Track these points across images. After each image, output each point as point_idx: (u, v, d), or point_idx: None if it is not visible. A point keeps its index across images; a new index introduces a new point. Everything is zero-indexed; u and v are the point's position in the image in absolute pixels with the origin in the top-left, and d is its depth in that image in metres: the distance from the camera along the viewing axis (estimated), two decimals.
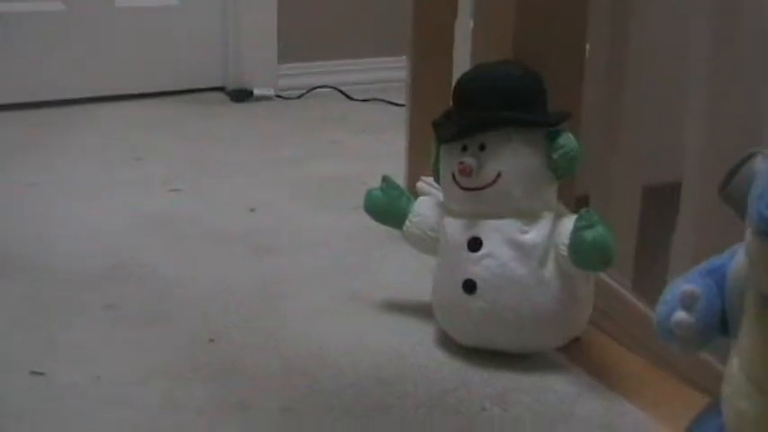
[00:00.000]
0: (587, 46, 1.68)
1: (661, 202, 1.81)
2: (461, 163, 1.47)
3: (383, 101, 3.23)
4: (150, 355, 1.53)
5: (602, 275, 1.61)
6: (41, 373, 1.47)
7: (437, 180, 1.59)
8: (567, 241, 1.43)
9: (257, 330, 1.62)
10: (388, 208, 1.64)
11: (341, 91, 3.35)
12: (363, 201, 1.66)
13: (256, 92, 3.30)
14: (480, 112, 1.48)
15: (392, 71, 3.23)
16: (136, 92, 3.23)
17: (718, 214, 1.50)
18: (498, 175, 1.47)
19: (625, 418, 1.38)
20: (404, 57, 2.18)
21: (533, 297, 1.45)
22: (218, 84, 3.37)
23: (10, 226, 2.10)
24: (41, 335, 1.60)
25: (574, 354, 1.53)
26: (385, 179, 1.64)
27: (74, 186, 2.38)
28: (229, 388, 1.43)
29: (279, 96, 3.33)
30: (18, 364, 1.50)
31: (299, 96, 3.34)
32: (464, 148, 1.50)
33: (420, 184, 2.05)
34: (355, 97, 3.32)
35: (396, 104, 3.08)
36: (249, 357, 1.52)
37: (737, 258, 1.02)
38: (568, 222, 1.45)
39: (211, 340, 1.58)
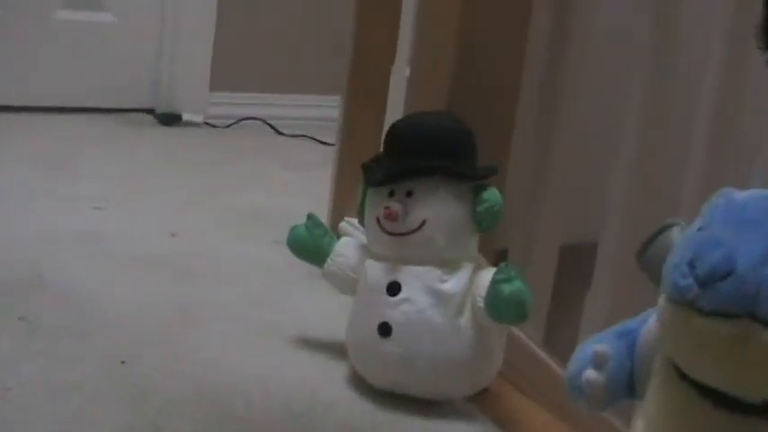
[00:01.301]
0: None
1: (577, 262, 1.85)
2: (387, 208, 1.50)
3: (311, 138, 3.25)
4: (62, 370, 1.53)
5: (514, 328, 1.64)
6: None
7: (362, 222, 1.61)
8: (484, 293, 1.46)
9: (171, 354, 1.62)
10: (310, 245, 1.65)
11: (270, 124, 3.37)
12: (287, 236, 1.67)
13: (185, 117, 3.30)
14: (411, 160, 1.51)
15: (323, 109, 3.25)
16: (65, 105, 3.21)
17: (632, 278, 1.54)
18: (423, 223, 1.49)
19: None
20: (336, 96, 2.20)
21: (447, 345, 1.48)
22: (148, 105, 3.36)
23: None
24: None
25: (482, 403, 1.55)
26: (310, 217, 1.66)
27: None
28: (141, 410, 1.43)
29: (207, 124, 3.34)
30: None
31: (228, 126, 3.34)
32: (391, 194, 1.52)
33: (343, 225, 2.06)
34: (284, 132, 3.33)
35: (324, 143, 3.10)
36: (161, 381, 1.52)
37: (649, 323, 1.05)
38: (487, 274, 1.48)
39: (123, 362, 1.58)
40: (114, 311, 1.76)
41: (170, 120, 3.27)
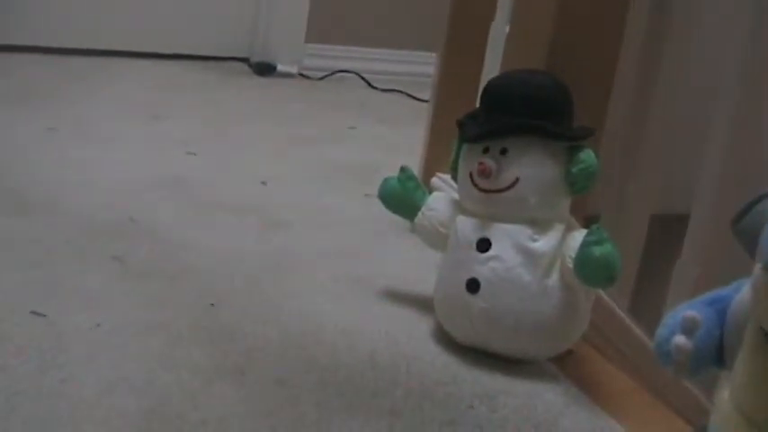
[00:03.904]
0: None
1: (666, 232, 1.83)
2: (481, 163, 1.50)
3: (404, 93, 3.25)
4: (152, 310, 1.55)
5: (602, 293, 1.64)
6: (43, 315, 1.49)
7: (455, 178, 1.61)
8: (573, 254, 1.45)
9: (258, 300, 1.64)
10: (403, 198, 1.66)
11: (363, 78, 3.38)
12: (379, 188, 1.68)
13: (280, 68, 3.33)
14: (507, 117, 1.50)
15: (416, 65, 3.26)
16: (162, 52, 3.26)
17: (723, 248, 1.53)
18: (516, 181, 1.49)
19: None
20: (429, 52, 2.19)
21: (534, 304, 1.47)
22: (243, 55, 3.39)
23: (27, 167, 2.13)
24: (47, 277, 1.62)
25: (565, 365, 1.55)
26: (403, 169, 1.66)
27: (92, 136, 2.41)
28: (226, 353, 1.45)
29: (301, 75, 3.36)
30: (20, 304, 1.51)
31: (322, 78, 3.36)
32: (486, 150, 1.52)
33: (435, 180, 2.07)
34: (377, 86, 3.34)
35: (416, 99, 3.10)
36: (248, 325, 1.54)
37: (742, 292, 1.04)
38: (578, 236, 1.47)
39: (212, 305, 1.60)
40: (204, 256, 1.79)
41: (265, 70, 3.30)
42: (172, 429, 1.26)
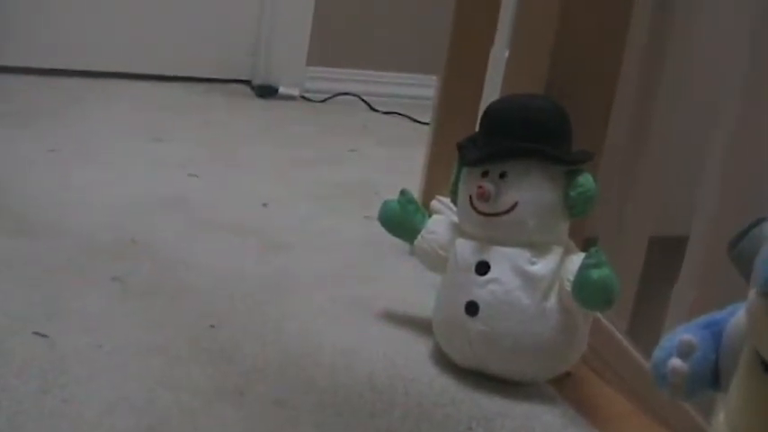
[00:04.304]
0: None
1: (664, 254, 1.84)
2: (480, 187, 1.51)
3: (405, 116, 3.26)
4: (152, 331, 1.56)
5: (600, 316, 1.64)
6: (45, 336, 1.50)
7: (455, 201, 1.61)
8: (572, 277, 1.46)
9: (258, 321, 1.64)
10: (402, 221, 1.67)
11: (364, 100, 3.39)
12: (379, 210, 1.69)
13: (282, 90, 3.34)
14: (506, 141, 1.51)
15: (418, 88, 3.27)
16: (164, 73, 3.27)
17: (720, 272, 1.54)
18: (515, 205, 1.50)
19: None
20: (431, 75, 2.20)
21: (533, 327, 1.48)
22: (245, 77, 3.40)
23: (28, 188, 2.13)
24: (48, 298, 1.63)
25: (563, 388, 1.55)
26: (403, 192, 1.68)
27: (93, 157, 2.41)
28: (226, 373, 1.46)
29: (303, 97, 3.37)
30: (22, 324, 1.52)
31: (323, 100, 3.37)
32: (485, 174, 1.53)
33: (434, 203, 2.07)
34: (378, 108, 3.35)
35: (417, 121, 3.12)
36: (248, 346, 1.55)
37: (737, 316, 1.04)
38: (576, 259, 1.48)
39: (212, 325, 1.61)
40: (204, 277, 1.79)
41: (266, 92, 3.31)
42: None
